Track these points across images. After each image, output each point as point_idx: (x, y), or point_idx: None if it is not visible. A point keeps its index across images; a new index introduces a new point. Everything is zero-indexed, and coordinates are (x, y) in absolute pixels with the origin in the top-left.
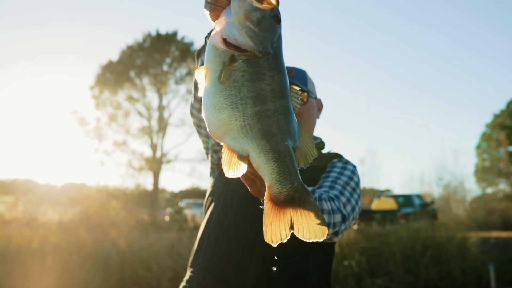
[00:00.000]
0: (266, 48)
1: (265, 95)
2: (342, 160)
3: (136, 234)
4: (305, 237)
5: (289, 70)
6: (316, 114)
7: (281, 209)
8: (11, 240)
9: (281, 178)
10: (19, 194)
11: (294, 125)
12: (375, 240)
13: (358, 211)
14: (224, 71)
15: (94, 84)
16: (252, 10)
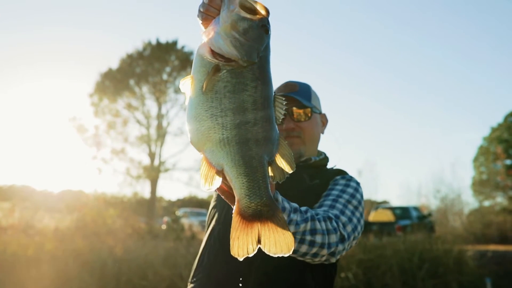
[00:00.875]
0: (251, 57)
1: (246, 106)
2: (345, 177)
3: (133, 243)
4: (271, 252)
5: (293, 85)
6: (320, 129)
7: (249, 223)
8: (7, 247)
9: (250, 193)
10: (16, 200)
11: (274, 138)
12: (372, 252)
13: (361, 229)
14: (206, 81)
15: (94, 91)
16: (238, 19)
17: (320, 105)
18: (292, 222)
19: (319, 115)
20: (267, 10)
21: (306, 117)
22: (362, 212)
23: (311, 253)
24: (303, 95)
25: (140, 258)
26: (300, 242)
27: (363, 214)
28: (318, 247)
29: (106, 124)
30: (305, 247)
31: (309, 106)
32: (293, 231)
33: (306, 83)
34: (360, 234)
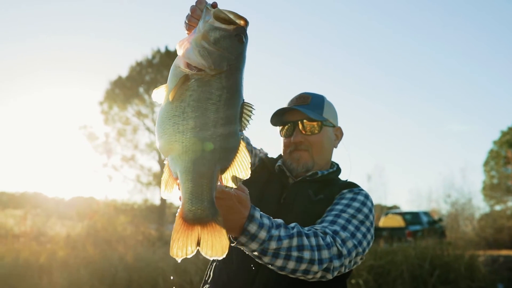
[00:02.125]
0: (219, 66)
1: (208, 115)
2: (352, 191)
3: (143, 249)
4: (207, 255)
5: (305, 97)
6: (332, 143)
7: (190, 226)
8: (19, 254)
9: (192, 197)
10: (28, 207)
11: (233, 146)
12: (383, 258)
13: (368, 244)
14: (173, 90)
15: (104, 99)
16: (210, 30)
17: (336, 118)
18: (274, 238)
19: (332, 129)
20: (244, 19)
21: (315, 131)
22: (370, 226)
23: (301, 270)
24: (315, 107)
25: (151, 265)
26: (285, 258)
27: (370, 228)
28: (307, 263)
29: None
30: (292, 263)
31: (318, 119)
32: (275, 247)
33: (321, 95)
34: (366, 249)
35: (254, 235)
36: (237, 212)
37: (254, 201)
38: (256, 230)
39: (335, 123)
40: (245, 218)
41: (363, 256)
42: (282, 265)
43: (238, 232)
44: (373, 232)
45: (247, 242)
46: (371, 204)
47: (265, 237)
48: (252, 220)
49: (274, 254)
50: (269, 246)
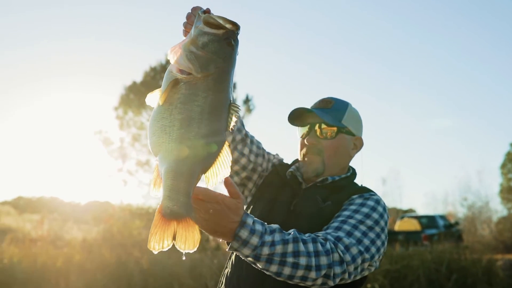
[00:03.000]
0: (206, 69)
1: (193, 116)
2: (363, 196)
3: (159, 254)
4: (181, 248)
5: (327, 102)
6: (348, 151)
7: (167, 221)
8: (37, 258)
9: (170, 194)
10: (45, 212)
11: (214, 146)
12: (399, 262)
13: (376, 251)
14: (163, 94)
15: (118, 104)
16: (199, 34)
17: (358, 127)
18: (266, 244)
19: (350, 137)
20: (233, 24)
21: (330, 136)
22: (380, 232)
23: (298, 276)
24: (335, 113)
25: (166, 269)
26: (280, 264)
27: (381, 234)
28: (303, 269)
29: (131, 136)
30: (288, 269)
31: (335, 125)
32: (268, 252)
33: (346, 102)
34: (375, 255)
35: (246, 240)
36: (225, 217)
37: (265, 208)
38: (247, 236)
39: (355, 132)
40: (236, 223)
41: (373, 262)
42: (277, 270)
43: (230, 237)
44: (384, 238)
45: (240, 247)
46: (383, 209)
47: (257, 242)
48: (244, 226)
49: (267, 260)
50: (262, 252)
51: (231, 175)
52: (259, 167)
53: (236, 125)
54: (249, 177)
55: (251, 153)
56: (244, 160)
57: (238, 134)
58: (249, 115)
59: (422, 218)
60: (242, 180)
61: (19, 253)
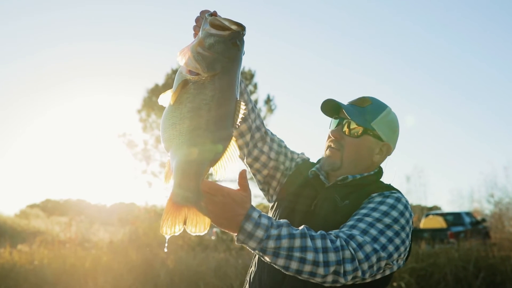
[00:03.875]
0: (213, 69)
1: (201, 114)
2: (383, 194)
3: (184, 254)
4: (192, 231)
5: (364, 100)
6: (370, 154)
7: (178, 208)
8: (66, 260)
9: (181, 182)
10: (72, 214)
11: (222, 141)
12: (425, 260)
13: (395, 249)
14: (174, 94)
15: (141, 107)
16: (206, 36)
17: (390, 135)
18: (272, 237)
19: (377, 141)
20: (239, 25)
21: (353, 135)
22: (400, 230)
23: (306, 271)
24: (367, 114)
25: (192, 269)
26: (287, 258)
27: (400, 232)
28: (311, 264)
29: (154, 138)
30: (295, 263)
31: (361, 125)
32: (273, 246)
33: (385, 105)
34: (394, 254)
35: (251, 233)
36: (231, 210)
37: (288, 207)
38: (252, 228)
39: (384, 138)
40: (242, 216)
41: (392, 261)
42: (284, 264)
43: (236, 229)
44: (405, 237)
45: (245, 240)
46: (404, 207)
47: (263, 235)
48: (249, 219)
49: (274, 253)
50: (268, 245)
51: (254, 173)
52: (282, 166)
53: (254, 122)
54: (272, 176)
55: (271, 151)
56: (264, 157)
57: (257, 132)
58: (271, 115)
59: (447, 215)
60: (265, 179)
61: (48, 255)
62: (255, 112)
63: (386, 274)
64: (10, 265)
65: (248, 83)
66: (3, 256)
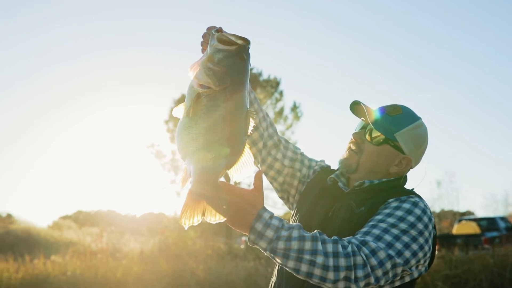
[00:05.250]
0: (223, 82)
1: (216, 124)
2: (400, 199)
3: (214, 263)
4: (211, 220)
5: (396, 109)
6: (387, 165)
7: (197, 201)
8: (97, 270)
9: (200, 179)
10: (103, 224)
11: (238, 147)
12: (459, 267)
13: (412, 255)
14: (190, 107)
15: (169, 118)
16: (215, 52)
17: (414, 149)
18: (282, 238)
19: (397, 153)
20: (244, 39)
21: (373, 142)
22: (418, 235)
23: (316, 275)
24: (394, 123)
25: (221, 278)
26: (297, 260)
27: (418, 237)
28: (320, 268)
29: None
30: (305, 266)
31: (384, 134)
32: (283, 247)
33: (417, 118)
34: (411, 260)
35: (261, 233)
36: (243, 209)
37: (306, 214)
38: (262, 228)
39: (406, 151)
40: (253, 216)
41: (410, 267)
42: (295, 267)
43: (247, 229)
44: (423, 242)
45: (256, 239)
46: (421, 211)
47: (273, 236)
48: (259, 219)
49: (284, 255)
50: (278, 246)
51: (270, 181)
52: (298, 173)
53: (266, 131)
54: (290, 183)
55: (285, 158)
56: (278, 164)
57: (270, 140)
58: (297, 122)
59: (481, 220)
60: (282, 186)
61: (81, 265)
62: (267, 121)
63: (406, 281)
64: (44, 276)
65: (274, 91)
66: (37, 267)
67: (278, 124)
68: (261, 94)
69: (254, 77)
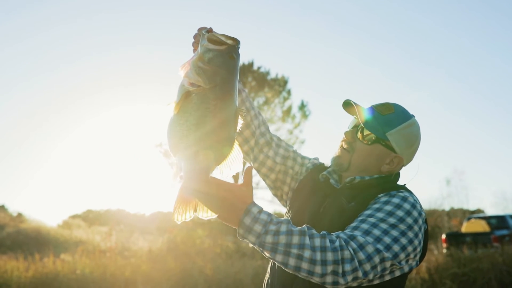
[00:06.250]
0: (213, 81)
1: (206, 121)
2: (389, 194)
3: (222, 262)
4: (203, 217)
5: (388, 108)
6: (379, 164)
7: (189, 197)
8: (106, 269)
9: (191, 176)
10: (113, 223)
11: (226, 143)
12: (467, 265)
13: (401, 249)
14: (179, 104)
15: None
16: (205, 52)
17: (405, 147)
18: (270, 232)
19: (388, 151)
20: (233, 39)
21: (366, 142)
22: (407, 229)
23: (304, 269)
24: (385, 123)
25: (229, 277)
26: (285, 254)
27: (407, 232)
28: (308, 262)
29: None
30: (293, 260)
31: (375, 134)
32: (271, 241)
33: (410, 116)
34: (400, 254)
35: (249, 227)
36: (232, 204)
37: (299, 211)
38: (251, 222)
39: (398, 150)
40: (242, 211)
41: (399, 261)
42: (283, 260)
43: (236, 223)
44: (412, 236)
45: (245, 233)
46: (410, 206)
47: (261, 230)
48: (248, 214)
49: (272, 249)
50: (266, 240)
51: (263, 178)
52: (290, 170)
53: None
54: (282, 181)
55: (276, 156)
56: (270, 162)
57: (262, 138)
58: (305, 121)
59: (491, 218)
60: (275, 183)
61: (90, 264)
62: (259, 119)
63: (396, 275)
64: (53, 274)
65: (282, 89)
66: (47, 266)
67: (286, 123)
68: (269, 93)
69: (262, 76)
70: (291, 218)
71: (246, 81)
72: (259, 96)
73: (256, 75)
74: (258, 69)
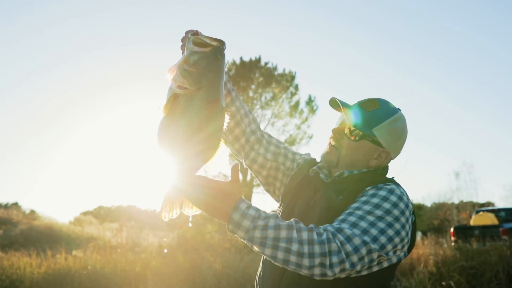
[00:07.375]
0: (199, 83)
1: (193, 122)
2: (376, 187)
3: (231, 257)
4: (188, 213)
5: (373, 104)
6: (366, 159)
7: (176, 195)
8: (117, 264)
9: (177, 176)
10: (123, 220)
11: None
12: (475, 258)
13: (388, 241)
14: (167, 106)
15: None
16: (190, 54)
17: (392, 142)
18: (258, 227)
19: (375, 147)
20: (218, 41)
21: (353, 138)
22: (394, 221)
23: (293, 262)
24: (371, 118)
25: (239, 272)
26: (273, 248)
27: (394, 223)
28: (295, 255)
29: None
30: (281, 253)
31: (362, 131)
32: (260, 235)
33: (395, 110)
34: (388, 245)
35: (238, 223)
36: (220, 201)
37: (289, 206)
38: (239, 218)
39: (385, 145)
40: (230, 207)
41: (386, 253)
42: (271, 254)
43: (226, 220)
44: (399, 228)
45: (234, 229)
46: (397, 198)
47: (249, 225)
48: (237, 210)
49: (261, 243)
50: (254, 235)
51: (255, 175)
52: (282, 166)
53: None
54: (274, 177)
55: (267, 152)
56: (261, 159)
57: (252, 135)
58: (313, 116)
59: (499, 211)
60: (267, 180)
61: (101, 260)
62: (249, 117)
63: (384, 266)
64: (65, 270)
65: (289, 85)
66: (59, 262)
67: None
68: (276, 88)
69: (269, 71)
70: (282, 212)
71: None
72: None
73: (264, 70)
74: (265, 65)
